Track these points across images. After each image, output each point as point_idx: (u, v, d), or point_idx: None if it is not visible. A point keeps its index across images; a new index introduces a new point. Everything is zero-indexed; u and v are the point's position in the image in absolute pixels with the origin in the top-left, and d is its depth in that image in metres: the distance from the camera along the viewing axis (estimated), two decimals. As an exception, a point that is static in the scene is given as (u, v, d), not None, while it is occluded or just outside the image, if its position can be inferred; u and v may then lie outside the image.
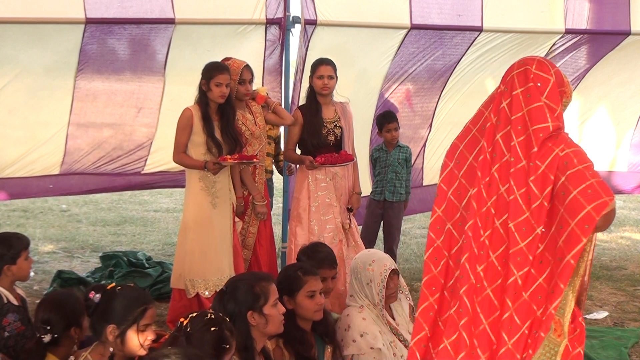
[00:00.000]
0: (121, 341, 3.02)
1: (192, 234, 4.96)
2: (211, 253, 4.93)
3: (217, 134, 4.92)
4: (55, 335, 3.35)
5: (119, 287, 3.13)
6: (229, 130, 5.00)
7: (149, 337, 3.07)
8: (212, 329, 2.77)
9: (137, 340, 3.02)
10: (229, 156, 4.92)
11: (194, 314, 2.88)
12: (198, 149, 4.92)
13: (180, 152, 4.94)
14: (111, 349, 3.03)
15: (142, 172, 6.66)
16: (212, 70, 4.91)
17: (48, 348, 3.37)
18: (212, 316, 2.86)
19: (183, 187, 6.82)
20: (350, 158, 5.30)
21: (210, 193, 4.94)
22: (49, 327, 3.34)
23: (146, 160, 6.58)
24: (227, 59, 5.30)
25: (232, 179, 5.13)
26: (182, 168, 6.55)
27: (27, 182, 6.38)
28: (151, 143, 6.52)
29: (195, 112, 4.90)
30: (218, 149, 4.90)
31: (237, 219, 5.23)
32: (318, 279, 3.67)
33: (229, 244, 5.04)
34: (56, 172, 6.42)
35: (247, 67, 5.26)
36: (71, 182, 6.55)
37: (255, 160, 5.06)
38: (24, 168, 6.31)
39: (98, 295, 3.07)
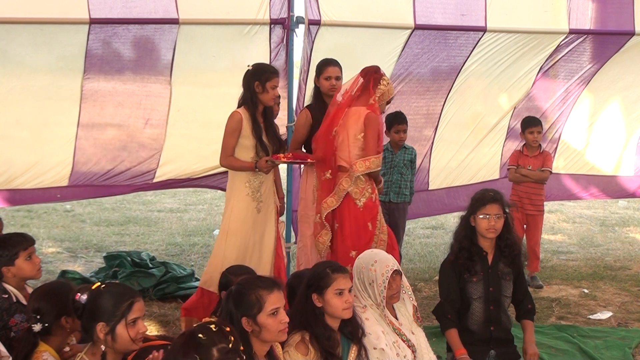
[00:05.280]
0: (112, 338, 3.01)
1: (233, 239, 4.89)
2: (254, 258, 4.88)
3: (263, 136, 4.89)
4: (46, 325, 3.35)
5: (103, 285, 3.12)
6: (273, 131, 4.99)
7: (140, 330, 3.06)
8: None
9: (128, 334, 3.02)
10: (282, 155, 4.90)
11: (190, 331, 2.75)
12: (247, 153, 4.87)
13: (228, 155, 4.89)
14: (103, 347, 3.02)
15: (151, 182, 6.64)
16: (269, 73, 4.86)
17: (42, 338, 3.36)
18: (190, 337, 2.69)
19: (191, 186, 6.75)
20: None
21: (255, 198, 4.90)
22: (39, 317, 3.35)
23: (155, 172, 6.56)
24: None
25: (274, 180, 5.11)
26: (188, 176, 6.60)
27: (35, 192, 6.35)
28: (160, 155, 6.50)
29: (245, 116, 4.84)
30: (265, 152, 4.87)
31: (281, 220, 5.20)
32: (347, 277, 3.65)
33: (272, 247, 5.01)
34: (65, 184, 6.39)
35: None
36: (80, 189, 6.52)
37: (309, 160, 5.05)
38: (33, 180, 6.27)
39: (84, 296, 3.06)
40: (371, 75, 5.00)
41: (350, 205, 4.92)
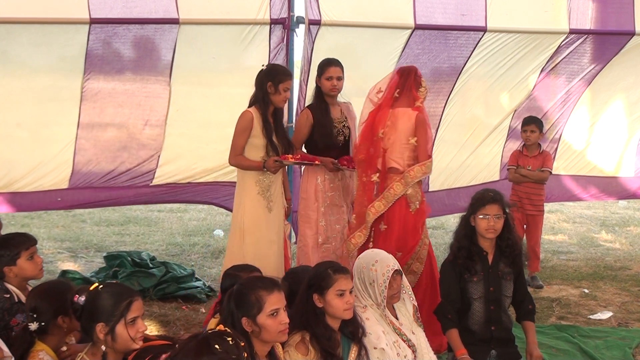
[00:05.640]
0: (112, 338, 3.01)
1: (249, 238, 4.89)
2: (268, 257, 4.88)
3: (273, 136, 4.90)
4: (43, 324, 3.35)
5: (101, 286, 3.12)
6: (282, 131, 5.00)
7: (139, 329, 3.07)
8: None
9: (127, 334, 3.02)
10: (290, 155, 4.91)
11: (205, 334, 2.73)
12: (257, 152, 4.88)
13: (238, 154, 4.90)
14: (103, 348, 3.02)
15: (151, 184, 6.62)
16: (282, 75, 4.88)
17: (39, 337, 3.36)
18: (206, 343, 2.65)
19: (189, 202, 6.65)
20: None
21: (266, 197, 4.91)
22: (35, 315, 3.35)
23: (154, 173, 6.55)
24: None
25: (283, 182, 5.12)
26: (189, 180, 6.59)
27: (36, 196, 6.33)
28: (159, 155, 6.50)
29: (256, 115, 4.85)
30: (275, 152, 4.89)
31: (286, 222, 5.21)
32: (349, 278, 3.64)
33: (282, 248, 5.02)
34: (65, 186, 6.38)
35: None
36: (80, 194, 6.50)
37: (316, 162, 5.05)
38: (33, 183, 6.26)
39: (82, 298, 3.06)
40: (412, 76, 5.04)
41: (402, 208, 4.96)
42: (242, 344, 2.67)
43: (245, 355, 2.65)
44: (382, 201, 4.94)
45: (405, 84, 5.00)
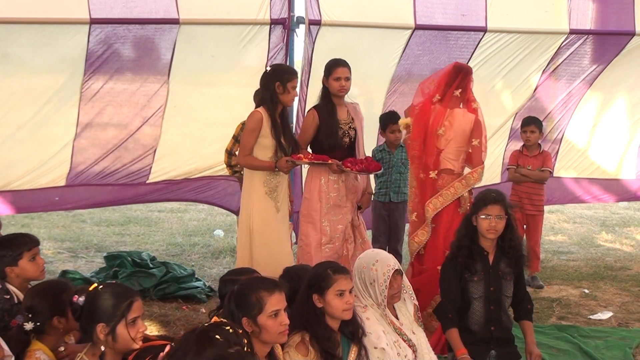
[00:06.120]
0: (112, 338, 3.02)
1: (259, 238, 4.91)
2: (279, 256, 4.89)
3: (281, 136, 4.91)
4: (38, 324, 3.34)
5: (101, 286, 3.12)
6: (289, 131, 5.03)
7: (140, 329, 3.07)
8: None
9: (128, 334, 3.02)
10: (302, 155, 4.93)
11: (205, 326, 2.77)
12: (265, 152, 4.88)
13: (247, 154, 4.90)
14: (102, 348, 3.02)
15: (147, 181, 6.62)
16: (289, 73, 4.90)
17: (37, 336, 3.36)
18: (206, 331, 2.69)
19: (187, 200, 6.66)
20: (379, 167, 5.29)
21: (273, 197, 4.93)
22: (31, 315, 3.34)
23: (151, 168, 6.55)
24: None
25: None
26: (185, 175, 6.60)
27: (34, 194, 6.33)
28: (155, 150, 6.50)
29: (265, 115, 4.86)
30: (284, 152, 4.90)
31: (289, 222, 5.23)
32: (348, 278, 3.64)
33: (290, 247, 5.05)
34: (62, 183, 6.38)
35: None
36: (78, 194, 6.50)
37: (329, 162, 5.06)
38: (30, 182, 6.26)
39: (82, 298, 3.06)
40: (469, 76, 5.17)
41: (450, 209, 5.12)
42: (240, 331, 2.68)
43: (246, 341, 2.65)
44: (439, 198, 5.10)
45: (467, 86, 5.13)
